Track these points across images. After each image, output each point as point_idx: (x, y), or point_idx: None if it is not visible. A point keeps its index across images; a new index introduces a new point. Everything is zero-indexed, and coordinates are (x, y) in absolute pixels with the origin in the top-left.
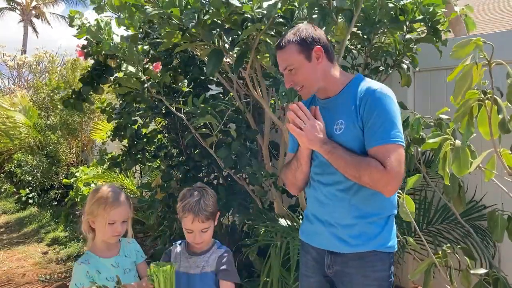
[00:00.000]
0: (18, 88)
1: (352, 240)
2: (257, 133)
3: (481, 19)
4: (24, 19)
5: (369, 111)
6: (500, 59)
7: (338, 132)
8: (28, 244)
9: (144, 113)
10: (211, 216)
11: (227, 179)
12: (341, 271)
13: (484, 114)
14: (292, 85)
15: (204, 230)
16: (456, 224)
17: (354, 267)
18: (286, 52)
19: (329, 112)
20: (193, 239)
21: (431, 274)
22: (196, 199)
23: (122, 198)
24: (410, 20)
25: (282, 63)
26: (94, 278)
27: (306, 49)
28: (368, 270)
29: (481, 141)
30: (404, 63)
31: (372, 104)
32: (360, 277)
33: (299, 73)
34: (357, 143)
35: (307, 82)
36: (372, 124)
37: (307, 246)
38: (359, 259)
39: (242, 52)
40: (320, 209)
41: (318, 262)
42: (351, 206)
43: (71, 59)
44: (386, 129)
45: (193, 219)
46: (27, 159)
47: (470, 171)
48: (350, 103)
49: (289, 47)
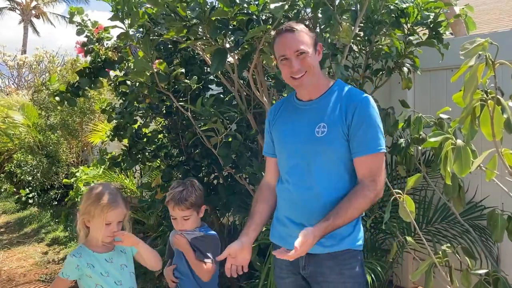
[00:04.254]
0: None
1: (326, 240)
2: (257, 133)
3: (481, 19)
4: (24, 19)
5: (358, 120)
6: (500, 59)
7: (320, 135)
8: (28, 244)
9: (144, 112)
10: (191, 206)
11: (227, 179)
12: (316, 271)
13: (487, 115)
14: (298, 69)
15: (185, 218)
16: (456, 223)
17: (329, 266)
18: (299, 35)
19: (310, 114)
20: (177, 226)
21: (431, 274)
22: (180, 189)
23: (119, 199)
24: (412, 23)
25: (294, 45)
26: (85, 272)
27: (313, 39)
28: (343, 268)
29: (481, 140)
30: (405, 66)
31: (361, 113)
32: (335, 275)
33: (307, 59)
34: (338, 146)
35: (311, 70)
36: (362, 133)
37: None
38: (333, 258)
39: (247, 53)
40: (294, 212)
41: (293, 263)
42: (325, 208)
43: (71, 59)
44: (374, 138)
45: (174, 207)
46: (27, 159)
47: (471, 171)
48: (333, 107)
49: (302, 33)
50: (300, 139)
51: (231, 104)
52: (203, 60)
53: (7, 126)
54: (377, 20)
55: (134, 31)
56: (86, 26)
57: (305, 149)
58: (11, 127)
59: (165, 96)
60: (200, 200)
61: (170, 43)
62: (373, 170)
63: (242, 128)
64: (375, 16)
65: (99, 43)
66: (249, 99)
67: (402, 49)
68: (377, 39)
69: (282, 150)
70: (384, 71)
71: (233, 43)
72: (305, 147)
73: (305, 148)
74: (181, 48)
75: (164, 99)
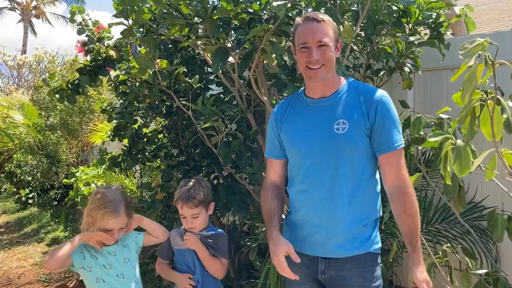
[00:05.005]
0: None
1: (349, 244)
2: (258, 133)
3: (481, 19)
4: (24, 19)
5: (382, 117)
6: (500, 59)
7: (341, 131)
8: (28, 244)
9: (144, 112)
10: (200, 204)
11: (227, 179)
12: (336, 275)
13: (487, 115)
14: (316, 59)
15: (194, 216)
16: (456, 224)
17: (350, 269)
18: (325, 27)
19: (326, 111)
20: (186, 224)
21: (431, 274)
22: (187, 188)
23: (121, 208)
24: (413, 23)
25: (318, 35)
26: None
27: (335, 35)
28: (364, 271)
29: (481, 140)
30: (406, 66)
31: (384, 109)
32: (357, 278)
33: (327, 51)
34: (360, 142)
35: (328, 64)
36: (387, 130)
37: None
38: (355, 261)
39: (249, 52)
40: (315, 214)
41: (310, 268)
42: (349, 210)
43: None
44: (395, 135)
45: (182, 205)
46: (27, 159)
47: (471, 171)
48: (352, 103)
49: (328, 25)
50: (317, 137)
51: (231, 103)
52: (203, 60)
53: (7, 126)
54: (379, 20)
55: (135, 30)
56: (87, 25)
57: (325, 147)
58: (11, 127)
59: (165, 96)
60: (208, 197)
61: (171, 42)
62: (399, 165)
63: (242, 128)
64: (376, 16)
65: (100, 43)
66: (249, 99)
67: (403, 49)
68: (378, 39)
69: (295, 150)
70: (385, 71)
71: (234, 43)
72: (325, 144)
73: (324, 146)
74: (181, 48)
75: (164, 98)
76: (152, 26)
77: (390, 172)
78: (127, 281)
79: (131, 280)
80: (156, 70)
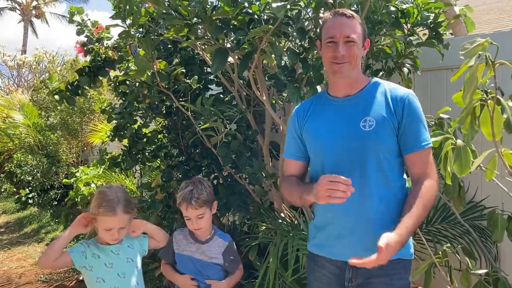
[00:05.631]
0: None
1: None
2: (257, 133)
3: (481, 19)
4: (24, 19)
5: (409, 115)
6: (500, 59)
7: (368, 128)
8: (28, 244)
9: (144, 113)
10: (204, 204)
11: (227, 179)
12: (363, 283)
13: (487, 115)
14: (342, 55)
15: (199, 217)
16: (456, 224)
17: (379, 276)
18: (354, 24)
19: (351, 108)
20: (192, 225)
21: (431, 274)
22: (190, 189)
23: (119, 208)
24: (412, 23)
25: (347, 30)
26: (89, 262)
27: (364, 33)
28: (393, 278)
29: (481, 140)
30: (405, 66)
31: (411, 108)
32: (384, 285)
33: (354, 48)
34: (388, 140)
35: (353, 61)
36: (415, 128)
37: (320, 260)
38: (384, 268)
39: (248, 53)
40: (342, 219)
41: (336, 275)
42: (379, 212)
43: (71, 59)
44: (423, 133)
45: (187, 207)
46: (27, 159)
47: (471, 171)
48: (379, 101)
49: (357, 22)
50: (343, 134)
51: (230, 104)
52: (202, 60)
53: (7, 126)
54: (377, 20)
55: (134, 30)
56: (86, 26)
57: (351, 145)
58: (11, 127)
59: (165, 96)
60: (211, 196)
61: (170, 43)
62: (428, 164)
63: (242, 128)
64: (375, 17)
65: (99, 43)
66: (249, 99)
67: (402, 49)
68: (377, 39)
69: (319, 148)
70: (384, 71)
71: (233, 43)
72: (351, 143)
73: (350, 144)
74: (180, 48)
75: (164, 99)
76: (151, 27)
77: (417, 171)
78: (128, 280)
79: (133, 279)
80: (155, 71)
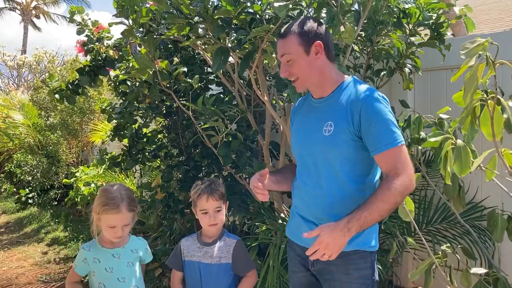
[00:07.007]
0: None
1: None
2: (257, 133)
3: (481, 19)
4: (24, 19)
5: (366, 118)
6: (500, 59)
7: (327, 134)
8: (28, 244)
9: (144, 112)
10: (222, 198)
11: (227, 179)
12: (324, 268)
13: (487, 114)
14: (287, 75)
15: (218, 209)
16: (456, 224)
17: (337, 265)
18: (286, 41)
19: (320, 112)
20: (208, 220)
21: (431, 274)
22: (208, 183)
23: (123, 205)
24: (413, 24)
25: (280, 51)
26: (91, 267)
27: (306, 42)
28: (350, 268)
29: (481, 140)
30: (407, 66)
31: (368, 111)
32: (342, 274)
33: (295, 65)
34: (344, 146)
35: (302, 75)
36: (374, 130)
37: (291, 243)
38: (342, 257)
39: (249, 53)
40: (304, 208)
41: (303, 258)
42: (332, 206)
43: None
44: (387, 133)
45: (208, 198)
46: (27, 159)
47: (471, 171)
48: (341, 105)
49: (290, 37)
50: (309, 137)
51: (231, 103)
52: (203, 60)
53: (7, 126)
54: (379, 20)
55: (135, 30)
56: (87, 25)
57: (312, 148)
58: (11, 127)
59: (165, 96)
60: (225, 194)
61: (170, 42)
62: (395, 164)
63: (242, 128)
64: (376, 16)
65: (100, 42)
66: (249, 99)
67: (404, 49)
68: (378, 40)
69: (294, 147)
70: (385, 71)
71: (234, 43)
72: (313, 145)
73: (312, 146)
74: (181, 48)
75: (164, 98)
76: (152, 26)
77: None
78: (128, 285)
79: (132, 283)
80: (156, 70)
